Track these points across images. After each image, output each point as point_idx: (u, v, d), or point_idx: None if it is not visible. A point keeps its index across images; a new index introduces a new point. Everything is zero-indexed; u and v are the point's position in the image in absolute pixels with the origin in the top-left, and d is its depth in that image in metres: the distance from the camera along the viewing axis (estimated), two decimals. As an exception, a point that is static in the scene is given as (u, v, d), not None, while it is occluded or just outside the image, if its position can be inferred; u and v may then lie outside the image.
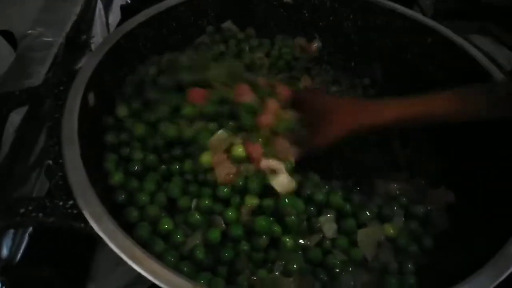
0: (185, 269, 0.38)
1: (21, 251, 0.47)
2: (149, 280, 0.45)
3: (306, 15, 0.64)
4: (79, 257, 0.48)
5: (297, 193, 0.43)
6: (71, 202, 0.35)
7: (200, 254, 0.39)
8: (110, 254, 0.47)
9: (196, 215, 0.41)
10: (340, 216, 0.44)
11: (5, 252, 0.46)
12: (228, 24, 0.63)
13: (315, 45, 0.65)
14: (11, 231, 0.47)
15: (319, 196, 0.44)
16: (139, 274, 0.47)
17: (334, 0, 0.62)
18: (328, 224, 0.43)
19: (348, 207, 0.44)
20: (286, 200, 0.41)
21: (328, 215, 0.43)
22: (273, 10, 0.63)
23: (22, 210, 0.34)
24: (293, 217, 0.40)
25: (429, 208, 0.46)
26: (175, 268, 0.36)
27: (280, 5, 0.64)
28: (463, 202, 0.46)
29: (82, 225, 0.34)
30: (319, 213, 0.44)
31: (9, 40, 0.57)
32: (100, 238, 0.33)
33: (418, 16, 0.59)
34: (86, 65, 0.46)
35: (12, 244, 0.47)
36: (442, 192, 0.47)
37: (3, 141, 0.47)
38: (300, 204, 0.42)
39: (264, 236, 0.40)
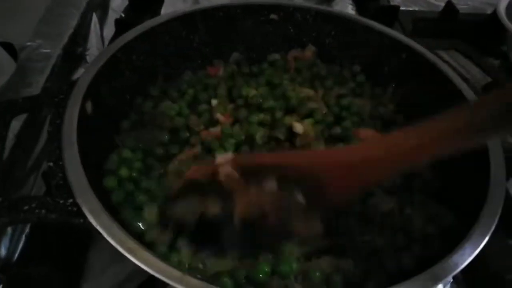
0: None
1: (18, 250, 0.50)
2: (140, 278, 0.49)
3: (291, 30, 0.68)
4: (75, 256, 0.50)
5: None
6: (71, 200, 0.38)
7: None
8: (104, 253, 0.50)
9: None
10: None
11: (3, 251, 0.49)
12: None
13: (310, 50, 0.68)
14: (9, 231, 0.50)
15: None
16: (131, 272, 0.50)
17: (317, 16, 0.67)
18: None
19: None
20: None
21: None
22: (260, 27, 0.67)
23: (26, 207, 0.37)
24: None
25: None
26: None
27: (267, 21, 0.68)
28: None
29: (82, 220, 0.37)
30: None
31: (9, 51, 0.60)
32: (96, 236, 0.36)
33: (394, 33, 0.64)
34: (84, 75, 0.49)
35: (10, 243, 0.50)
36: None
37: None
38: None
39: None
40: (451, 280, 0.51)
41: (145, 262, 0.34)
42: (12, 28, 0.64)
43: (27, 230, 0.51)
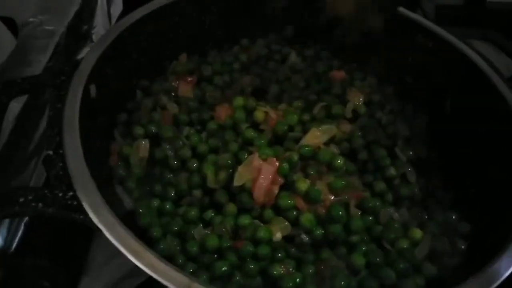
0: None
1: (16, 240, 0.47)
2: (145, 273, 0.46)
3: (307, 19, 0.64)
4: (75, 248, 0.48)
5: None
6: (70, 193, 0.35)
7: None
8: (106, 247, 0.47)
9: None
10: None
11: (0, 241, 0.46)
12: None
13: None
14: (7, 220, 0.47)
15: None
16: (134, 267, 0.47)
17: None
18: None
19: None
20: None
21: None
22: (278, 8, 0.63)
23: (21, 200, 0.34)
24: None
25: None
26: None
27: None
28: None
29: (82, 216, 0.34)
30: None
31: (10, 27, 0.56)
32: (97, 230, 0.33)
33: (421, 19, 0.59)
34: (88, 56, 0.46)
35: (7, 233, 0.47)
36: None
37: (2, 129, 0.47)
38: None
39: None
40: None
41: (150, 267, 0.31)
42: (14, 3, 0.60)
43: (26, 219, 0.48)
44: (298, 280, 0.38)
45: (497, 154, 0.47)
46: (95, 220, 0.33)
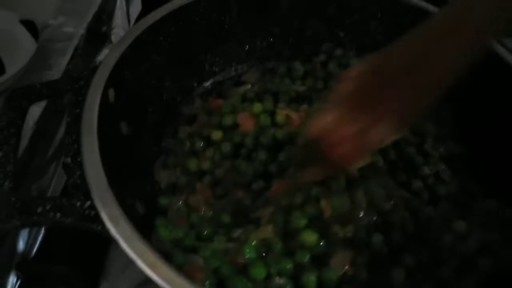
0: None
1: (36, 246, 0.47)
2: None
3: (332, 11, 0.62)
4: (94, 254, 0.47)
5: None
6: (88, 202, 0.34)
7: None
8: (124, 253, 0.47)
9: None
10: None
11: (21, 247, 0.46)
12: None
13: None
14: (28, 225, 0.47)
15: None
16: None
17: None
18: None
19: None
20: None
21: None
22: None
23: (39, 209, 0.34)
24: None
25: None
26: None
27: None
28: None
29: (100, 227, 0.33)
30: None
31: (30, 30, 0.56)
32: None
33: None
34: (107, 59, 0.45)
35: (28, 238, 0.47)
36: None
37: (23, 134, 0.47)
38: None
39: None
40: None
41: (168, 282, 0.30)
42: (34, 5, 0.60)
43: (46, 224, 0.48)
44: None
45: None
46: (112, 231, 0.32)
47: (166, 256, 0.36)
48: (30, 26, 0.57)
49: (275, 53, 0.63)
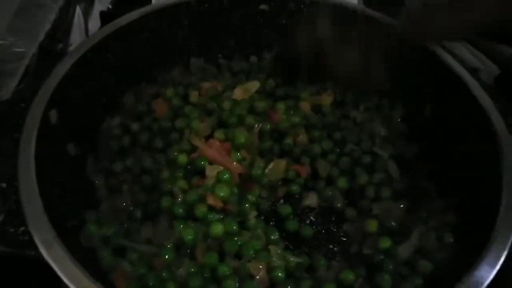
0: None
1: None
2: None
3: (284, 22, 0.62)
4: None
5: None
6: (22, 228, 0.34)
7: None
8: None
9: None
10: None
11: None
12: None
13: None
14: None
15: None
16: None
17: (311, 6, 0.61)
18: None
19: None
20: None
21: None
22: (250, 19, 0.62)
23: (-29, 238, 0.33)
24: None
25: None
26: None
27: (257, 12, 0.62)
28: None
29: (33, 252, 0.33)
30: None
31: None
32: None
33: (393, 22, 0.57)
34: (48, 81, 0.45)
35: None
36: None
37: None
38: None
39: None
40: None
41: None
42: (-18, 25, 0.59)
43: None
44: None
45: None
46: (45, 255, 0.32)
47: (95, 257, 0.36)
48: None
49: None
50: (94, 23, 0.78)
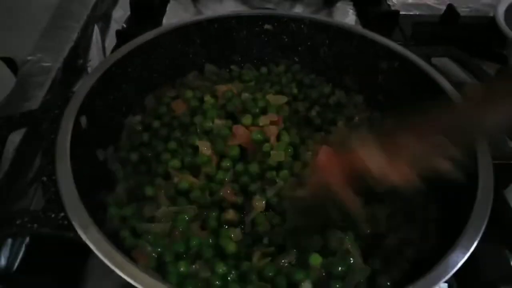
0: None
1: (18, 260, 0.51)
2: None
3: (286, 40, 0.69)
4: (73, 265, 0.51)
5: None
6: (62, 214, 0.40)
7: None
8: (101, 262, 0.51)
9: None
10: None
11: (2, 261, 0.50)
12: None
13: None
14: (9, 241, 0.52)
15: None
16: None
17: (311, 26, 0.67)
18: None
19: None
20: None
21: None
22: (255, 37, 0.68)
23: (19, 221, 0.39)
24: None
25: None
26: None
27: (262, 32, 0.69)
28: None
29: (72, 234, 0.38)
30: None
31: (10, 66, 0.62)
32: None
33: (387, 41, 0.64)
34: (79, 91, 0.51)
35: (10, 253, 0.51)
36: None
37: (3, 159, 0.52)
38: None
39: None
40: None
41: (134, 278, 0.35)
42: (13, 43, 0.66)
43: (27, 240, 0.53)
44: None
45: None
46: (83, 236, 0.38)
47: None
48: (10, 62, 0.63)
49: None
50: (110, 40, 0.85)
